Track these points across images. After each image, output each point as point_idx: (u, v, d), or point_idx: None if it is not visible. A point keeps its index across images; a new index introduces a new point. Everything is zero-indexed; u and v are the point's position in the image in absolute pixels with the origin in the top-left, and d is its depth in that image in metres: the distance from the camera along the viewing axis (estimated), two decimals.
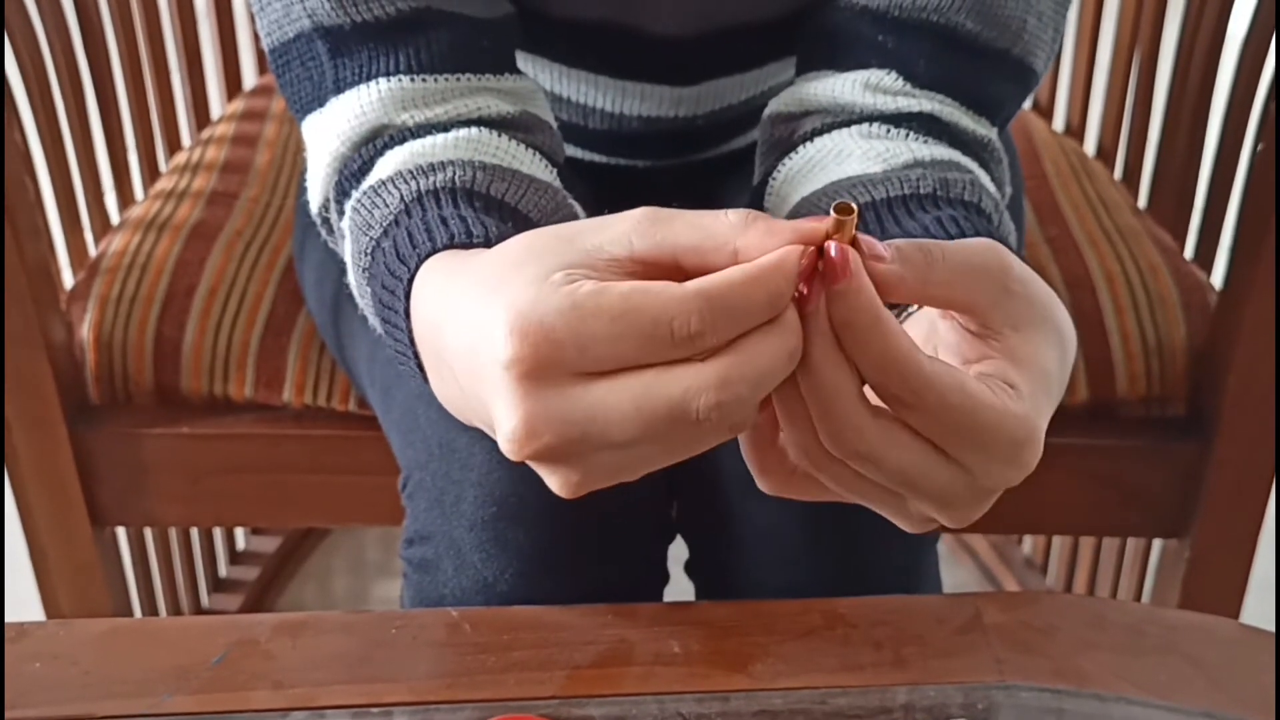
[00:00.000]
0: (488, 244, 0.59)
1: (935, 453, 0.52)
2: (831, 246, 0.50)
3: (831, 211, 0.50)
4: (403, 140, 0.70)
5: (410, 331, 0.60)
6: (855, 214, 0.50)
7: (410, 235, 0.62)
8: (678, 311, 0.48)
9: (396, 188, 0.66)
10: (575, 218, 0.70)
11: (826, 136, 0.74)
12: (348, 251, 0.70)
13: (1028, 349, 0.54)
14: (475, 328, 0.52)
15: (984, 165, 0.74)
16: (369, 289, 0.66)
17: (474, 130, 0.70)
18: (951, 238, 0.63)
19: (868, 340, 0.50)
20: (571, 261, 0.51)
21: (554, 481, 0.53)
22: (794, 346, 0.50)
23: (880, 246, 0.51)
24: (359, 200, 0.68)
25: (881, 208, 0.67)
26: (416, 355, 0.61)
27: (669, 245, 0.51)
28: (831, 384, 0.50)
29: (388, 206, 0.65)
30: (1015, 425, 0.52)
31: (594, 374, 0.50)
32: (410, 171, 0.66)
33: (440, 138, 0.70)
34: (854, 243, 0.50)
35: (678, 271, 0.51)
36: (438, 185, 0.65)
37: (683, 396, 0.49)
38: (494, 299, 0.51)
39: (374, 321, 0.68)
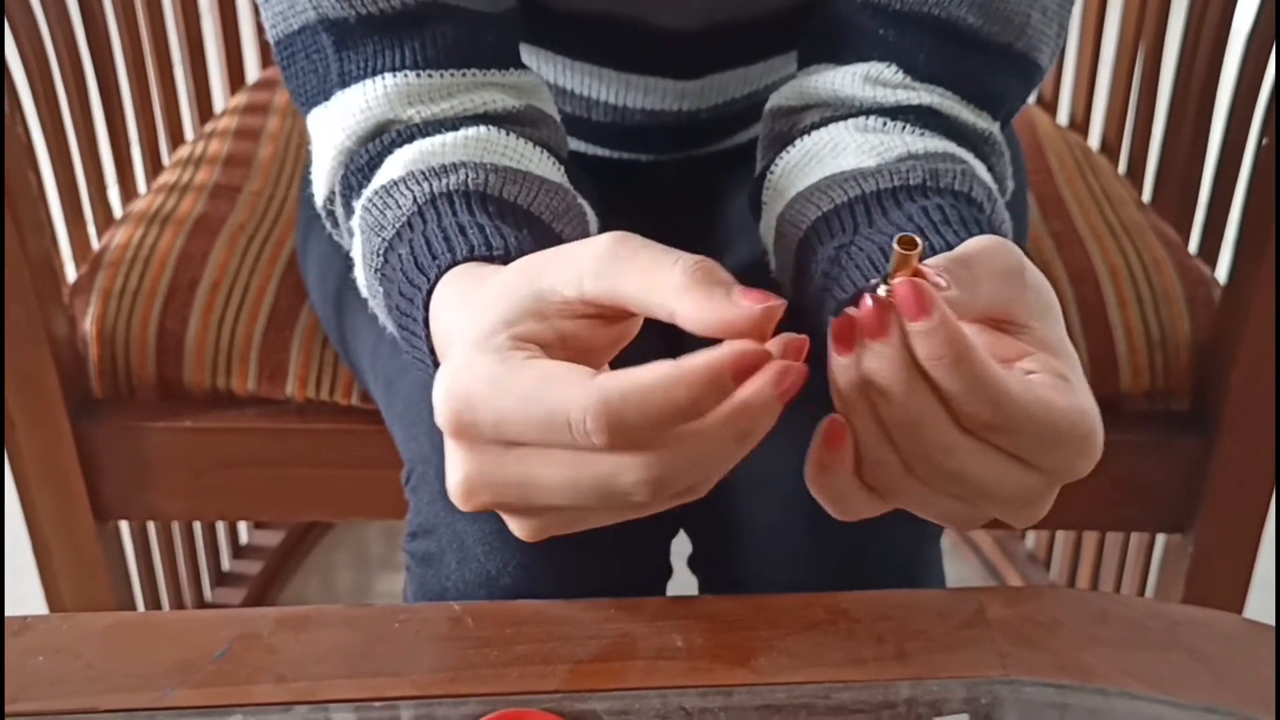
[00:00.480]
0: (507, 256, 0.60)
1: (1016, 461, 0.52)
2: (901, 283, 0.49)
3: (895, 245, 0.49)
4: (411, 138, 0.70)
5: (429, 340, 0.61)
6: (919, 248, 0.49)
7: (429, 243, 0.62)
8: (574, 407, 0.48)
9: (409, 189, 0.66)
10: (585, 218, 0.70)
11: (823, 130, 0.74)
12: (358, 250, 0.70)
13: (1054, 336, 0.54)
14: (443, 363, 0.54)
15: (983, 158, 0.74)
16: (381, 289, 0.66)
17: (482, 129, 0.71)
18: (936, 226, 0.64)
19: (958, 372, 0.49)
20: (525, 309, 0.52)
21: (511, 526, 0.54)
22: (742, 430, 0.49)
23: (934, 274, 0.51)
24: (370, 200, 0.68)
25: (871, 200, 0.68)
26: (436, 362, 0.61)
27: (615, 293, 0.51)
28: (918, 412, 0.50)
29: (400, 208, 0.65)
30: (1085, 420, 0.52)
31: (524, 443, 0.50)
32: (423, 173, 0.67)
33: (449, 136, 0.70)
34: (917, 274, 0.50)
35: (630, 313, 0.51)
36: (450, 188, 0.65)
37: (610, 472, 0.49)
38: (452, 350, 0.53)
39: (385, 321, 0.69)
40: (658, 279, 0.50)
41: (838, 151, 0.72)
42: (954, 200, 0.66)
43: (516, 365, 0.50)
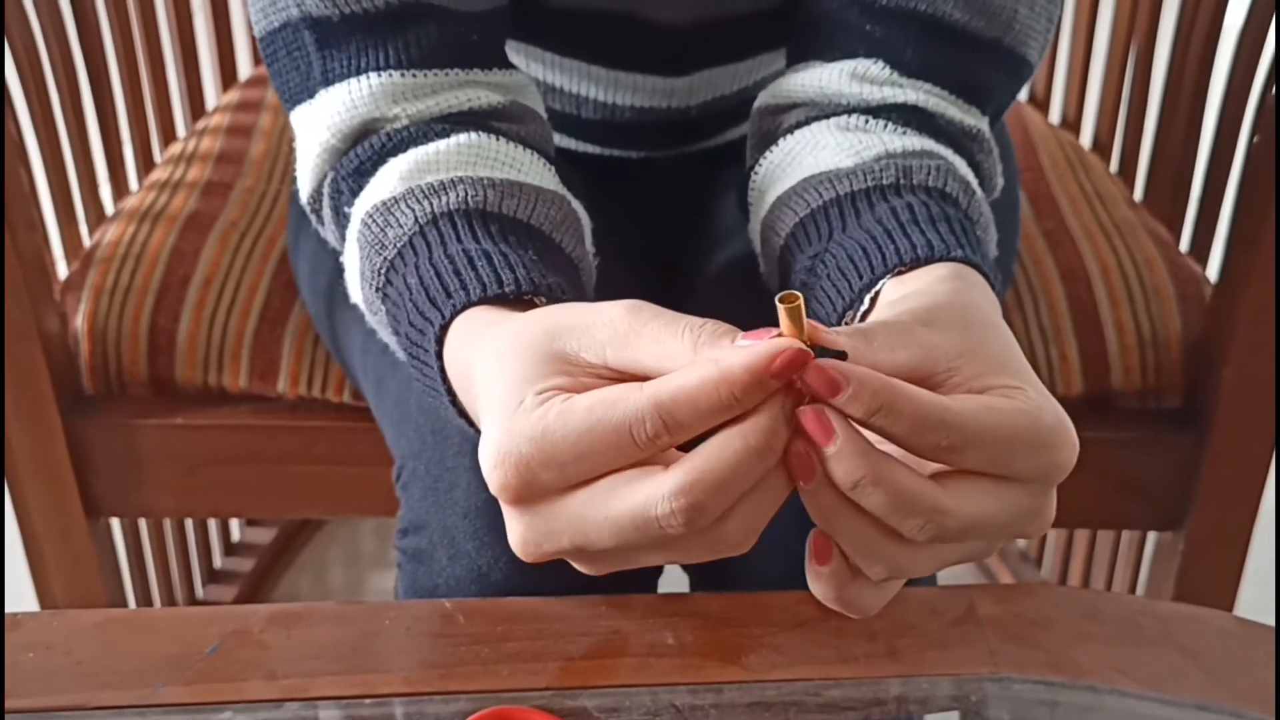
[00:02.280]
0: (518, 290, 0.61)
1: (994, 480, 0.52)
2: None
3: (777, 302, 0.50)
4: (402, 145, 0.70)
5: (444, 373, 0.62)
6: (801, 300, 0.50)
7: (438, 275, 0.62)
8: (635, 420, 0.50)
9: (409, 207, 0.67)
10: (580, 225, 0.71)
11: (805, 129, 0.74)
12: (353, 261, 0.70)
13: (979, 366, 0.54)
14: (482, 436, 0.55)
15: (968, 155, 0.74)
16: (384, 308, 0.67)
17: (473, 135, 0.71)
18: (904, 226, 0.64)
19: (897, 412, 0.50)
20: (548, 370, 0.53)
21: (580, 569, 0.56)
22: (758, 445, 0.50)
23: (828, 333, 0.52)
24: (370, 215, 0.68)
25: (845, 202, 0.68)
26: (450, 390, 0.62)
27: (638, 364, 0.53)
28: (891, 495, 0.51)
29: (401, 226, 0.66)
30: (1046, 415, 0.52)
31: (575, 485, 0.52)
32: (421, 190, 0.67)
33: (441, 145, 0.70)
34: (802, 330, 0.50)
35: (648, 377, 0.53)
36: (451, 207, 0.66)
37: (643, 505, 0.50)
38: (485, 415, 0.54)
39: (386, 338, 0.70)
40: (670, 348, 0.52)
41: (817, 151, 0.72)
42: (926, 197, 0.67)
43: (561, 412, 0.51)
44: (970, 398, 0.52)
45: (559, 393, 0.53)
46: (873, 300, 0.62)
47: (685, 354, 0.51)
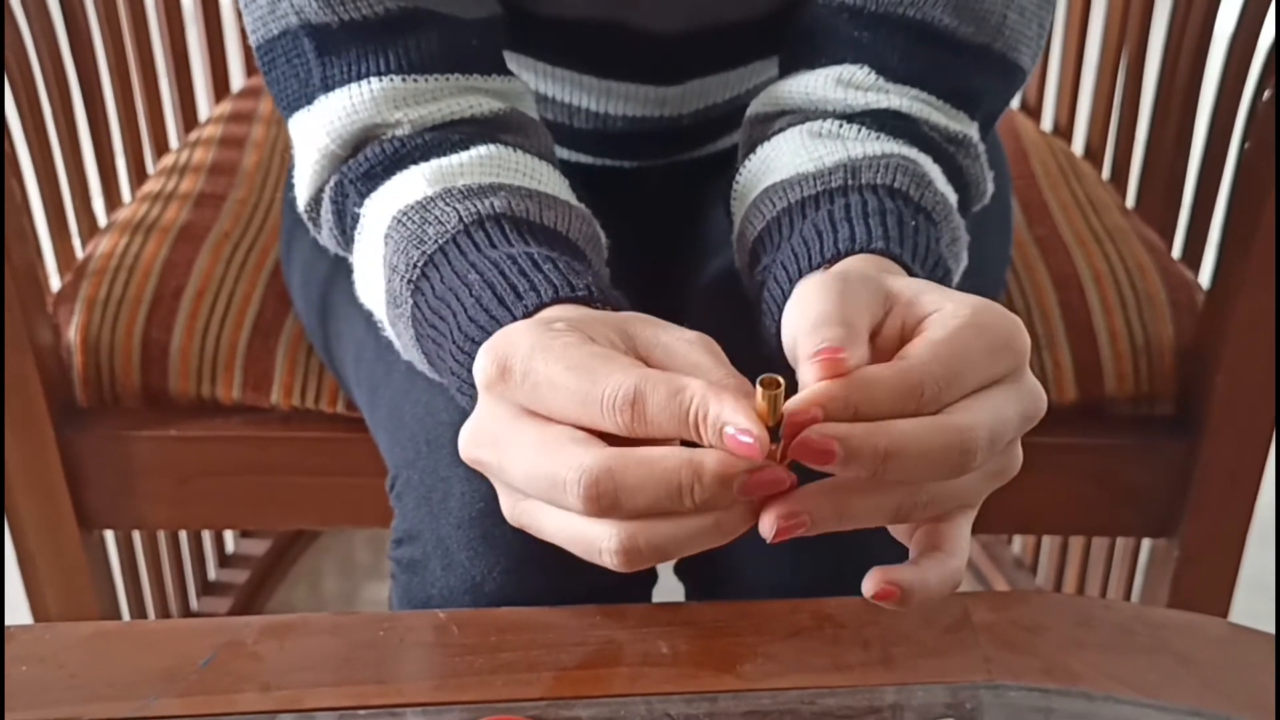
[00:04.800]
0: (589, 297, 0.61)
1: (989, 392, 0.53)
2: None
3: (758, 386, 0.51)
4: (417, 152, 0.70)
5: None
6: (782, 388, 0.51)
7: (504, 275, 0.62)
8: (610, 385, 0.51)
9: (451, 206, 0.67)
10: (601, 244, 0.72)
11: (780, 136, 0.75)
12: (370, 259, 0.71)
13: (902, 308, 0.56)
14: None
15: (952, 160, 0.74)
16: (410, 300, 0.67)
17: (493, 148, 0.71)
18: (836, 225, 0.65)
19: (876, 405, 0.51)
20: (606, 330, 0.55)
21: (500, 498, 0.57)
22: (686, 484, 0.50)
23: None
24: (404, 214, 0.68)
25: (795, 209, 0.69)
26: None
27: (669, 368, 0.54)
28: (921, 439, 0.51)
29: (443, 225, 0.66)
30: (984, 315, 0.54)
31: (536, 414, 0.53)
32: (460, 191, 0.68)
33: (465, 156, 0.70)
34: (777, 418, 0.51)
35: None
36: (496, 210, 0.66)
37: (559, 465, 0.51)
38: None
39: (397, 330, 0.69)
40: (688, 373, 0.53)
41: (786, 159, 0.73)
42: (871, 194, 0.67)
43: (570, 343, 0.53)
44: (919, 341, 0.53)
45: (583, 336, 0.54)
46: None
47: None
